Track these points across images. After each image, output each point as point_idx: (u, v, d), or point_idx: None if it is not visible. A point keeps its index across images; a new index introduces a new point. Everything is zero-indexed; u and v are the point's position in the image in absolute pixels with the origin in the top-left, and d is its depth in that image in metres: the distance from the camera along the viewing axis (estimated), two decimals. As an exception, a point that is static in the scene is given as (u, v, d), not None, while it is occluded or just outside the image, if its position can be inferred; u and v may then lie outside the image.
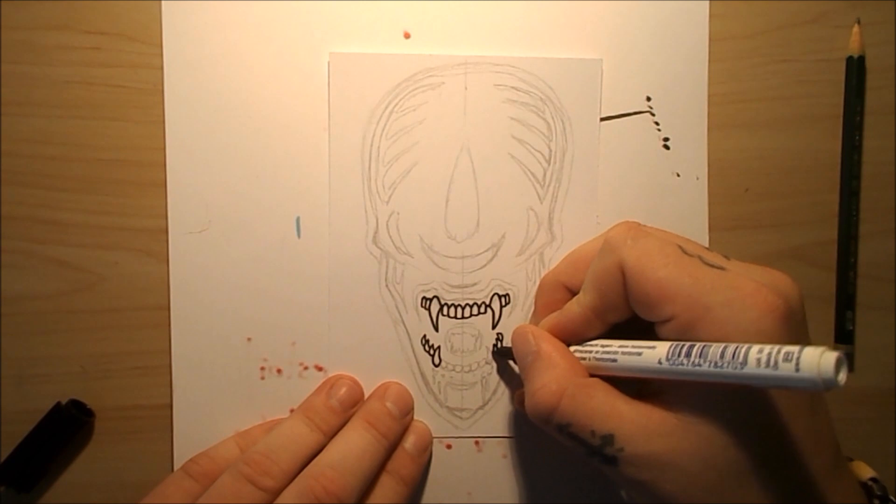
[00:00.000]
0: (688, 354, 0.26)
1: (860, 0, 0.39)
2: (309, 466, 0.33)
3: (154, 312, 0.38)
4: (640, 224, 0.34)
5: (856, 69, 0.39)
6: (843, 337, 0.40)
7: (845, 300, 0.40)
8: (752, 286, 0.27)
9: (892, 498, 0.31)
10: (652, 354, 0.28)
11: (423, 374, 0.38)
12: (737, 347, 0.25)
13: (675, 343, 0.27)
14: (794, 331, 0.27)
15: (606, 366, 0.30)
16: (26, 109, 0.37)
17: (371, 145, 0.38)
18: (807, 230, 0.40)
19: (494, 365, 0.39)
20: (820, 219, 0.40)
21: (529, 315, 0.38)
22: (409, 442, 0.37)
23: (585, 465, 0.39)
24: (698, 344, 0.26)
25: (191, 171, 0.37)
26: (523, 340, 0.33)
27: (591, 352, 0.31)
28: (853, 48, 0.39)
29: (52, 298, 0.38)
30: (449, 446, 0.39)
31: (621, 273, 0.30)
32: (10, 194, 0.37)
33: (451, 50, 0.38)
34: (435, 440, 0.38)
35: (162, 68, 0.37)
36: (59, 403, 0.37)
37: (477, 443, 0.39)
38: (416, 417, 0.38)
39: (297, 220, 0.38)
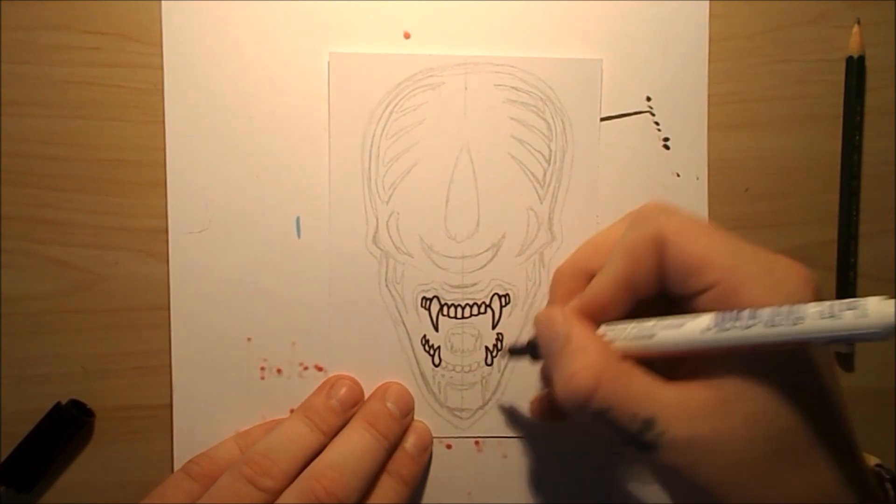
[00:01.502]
0: (737, 318, 0.26)
1: (860, 0, 0.39)
2: (310, 467, 0.33)
3: (154, 312, 0.38)
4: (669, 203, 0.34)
5: (856, 69, 0.39)
6: (843, 337, 0.40)
7: (845, 300, 0.39)
8: (787, 260, 0.28)
9: None
10: (695, 325, 0.27)
11: (423, 374, 0.38)
12: (792, 306, 0.24)
13: (720, 312, 0.27)
14: None
15: (642, 344, 0.29)
16: (26, 109, 0.37)
17: (371, 145, 0.38)
18: (807, 230, 0.40)
19: (503, 364, 0.38)
20: (820, 219, 0.40)
21: (531, 315, 0.38)
22: (410, 442, 0.37)
23: (585, 465, 0.39)
24: (747, 309, 0.26)
25: (191, 170, 0.37)
26: (550, 324, 0.31)
27: (624, 331, 0.30)
28: (853, 48, 0.39)
29: (52, 298, 0.38)
30: (449, 446, 0.39)
31: (656, 244, 0.29)
32: (10, 194, 0.37)
33: (451, 50, 0.38)
34: (435, 440, 0.38)
35: (162, 68, 0.37)
36: (59, 403, 0.37)
37: (477, 443, 0.39)
38: (416, 417, 0.38)
39: (297, 220, 0.38)
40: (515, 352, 0.36)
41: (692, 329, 0.27)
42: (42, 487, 0.38)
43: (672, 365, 0.29)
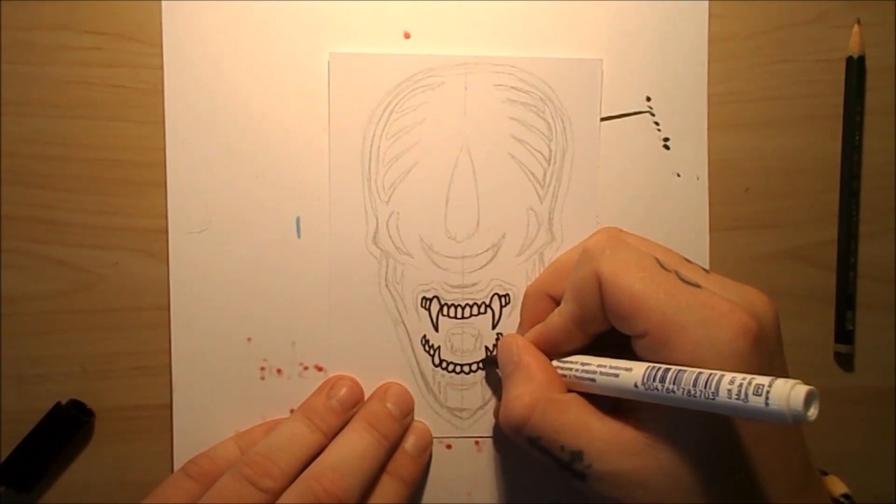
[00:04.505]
0: (662, 380, 0.27)
1: (860, 0, 0.39)
2: (310, 467, 0.33)
3: (154, 312, 0.38)
4: (620, 231, 0.35)
5: (856, 69, 0.39)
6: (843, 337, 0.40)
7: (845, 300, 0.40)
8: (727, 306, 0.27)
9: None
10: (628, 377, 0.28)
11: (423, 374, 0.38)
12: (709, 376, 0.25)
13: (651, 367, 0.27)
14: (767, 352, 0.27)
15: (585, 384, 0.31)
16: (26, 109, 0.37)
17: (371, 145, 0.38)
18: (807, 230, 0.40)
19: (484, 373, 0.39)
20: (820, 219, 0.40)
21: (529, 315, 0.38)
22: (410, 442, 0.37)
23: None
24: (673, 369, 0.26)
25: (191, 170, 0.37)
26: (507, 350, 0.34)
27: (571, 368, 0.32)
28: (853, 48, 0.39)
29: (52, 298, 0.38)
30: (449, 446, 0.39)
31: (598, 283, 0.30)
32: (10, 194, 0.37)
33: (451, 50, 0.38)
34: (435, 440, 0.38)
35: (162, 68, 0.37)
36: (59, 403, 0.37)
37: (477, 443, 0.39)
38: (416, 418, 0.38)
39: (297, 220, 0.38)
40: (487, 362, 0.38)
41: (625, 381, 0.28)
42: (42, 487, 0.38)
43: (616, 398, 0.30)
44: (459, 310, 0.38)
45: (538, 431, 0.30)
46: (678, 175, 0.39)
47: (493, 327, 0.38)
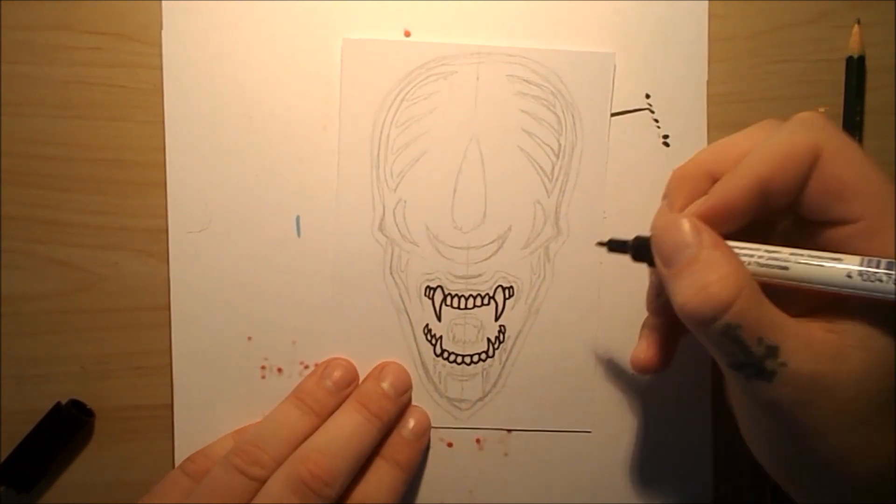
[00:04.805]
0: (886, 272, 0.25)
1: (860, 0, 0.39)
2: (296, 451, 0.33)
3: (154, 312, 0.38)
4: None
5: (856, 69, 0.39)
6: (843, 336, 0.40)
7: (846, 300, 0.39)
8: None
9: None
10: (838, 268, 0.26)
11: (423, 364, 0.38)
12: None
13: (869, 258, 0.26)
14: None
15: (773, 273, 0.28)
16: (26, 109, 0.37)
17: (381, 133, 0.38)
18: (807, 230, 0.40)
19: (605, 248, 0.34)
20: (820, 218, 0.40)
21: (534, 308, 0.38)
22: (406, 426, 0.37)
23: (586, 465, 0.39)
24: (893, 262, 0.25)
25: (191, 170, 0.37)
26: (676, 232, 0.28)
27: (754, 255, 0.28)
28: (853, 48, 0.39)
29: (52, 298, 0.38)
30: (450, 444, 0.39)
31: (812, 153, 0.27)
32: (10, 194, 0.37)
33: (463, 40, 0.38)
34: (436, 439, 0.38)
35: (162, 68, 0.37)
36: (59, 403, 0.37)
37: (478, 441, 0.39)
38: (415, 407, 0.38)
39: (297, 219, 0.38)
40: (615, 246, 0.34)
41: (835, 272, 0.26)
42: (42, 487, 0.38)
43: (789, 299, 0.28)
44: (463, 300, 0.38)
45: (741, 318, 0.26)
46: (678, 175, 0.39)
47: (496, 319, 0.38)
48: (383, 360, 0.38)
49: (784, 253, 0.28)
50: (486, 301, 0.38)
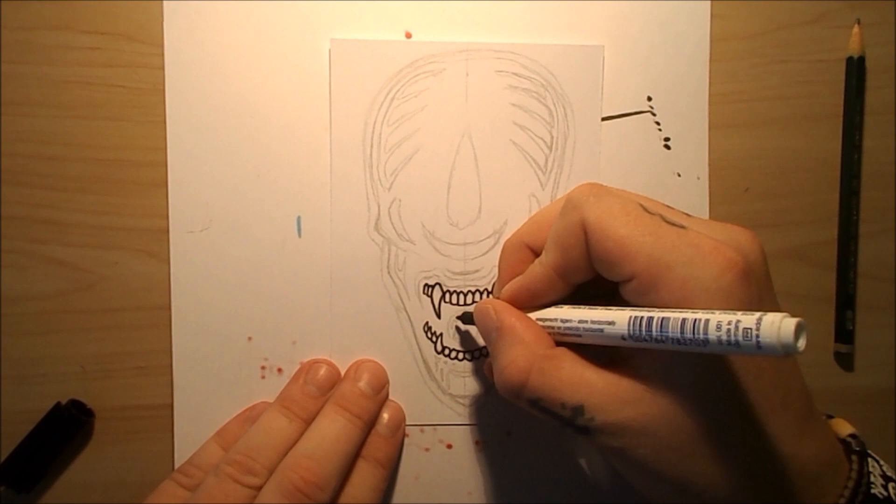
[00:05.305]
0: (648, 330, 0.26)
1: (860, 0, 0.39)
2: (285, 458, 0.33)
3: (154, 312, 0.38)
4: (601, 184, 0.34)
5: (856, 69, 0.39)
6: (843, 337, 0.40)
7: (845, 300, 0.40)
8: (711, 244, 0.27)
9: (870, 452, 0.31)
10: (613, 331, 0.28)
11: (425, 361, 0.38)
12: (695, 322, 0.25)
13: (634, 317, 0.27)
14: (756, 285, 0.27)
15: (570, 339, 0.30)
16: (26, 109, 0.37)
17: (373, 132, 0.38)
18: (807, 230, 0.40)
19: (458, 337, 0.38)
20: (820, 219, 0.40)
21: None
22: (381, 423, 0.37)
23: (585, 464, 0.39)
24: (656, 317, 0.26)
25: (191, 170, 0.37)
26: (485, 315, 0.33)
27: (553, 324, 0.31)
28: (853, 48, 0.39)
29: (52, 298, 0.38)
30: (449, 446, 0.39)
31: (583, 231, 0.30)
32: (10, 194, 0.37)
33: (452, 37, 0.38)
34: (435, 440, 0.38)
35: (162, 68, 0.37)
36: (59, 403, 0.37)
37: (477, 442, 0.39)
38: (417, 404, 0.38)
39: (298, 219, 0.38)
40: (464, 319, 0.38)
41: (611, 335, 0.28)
42: (42, 487, 0.38)
43: (601, 348, 0.30)
44: (462, 297, 0.38)
45: (537, 393, 0.29)
46: (679, 175, 0.39)
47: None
48: (384, 359, 0.38)
49: (574, 321, 0.30)
50: (485, 296, 0.38)
